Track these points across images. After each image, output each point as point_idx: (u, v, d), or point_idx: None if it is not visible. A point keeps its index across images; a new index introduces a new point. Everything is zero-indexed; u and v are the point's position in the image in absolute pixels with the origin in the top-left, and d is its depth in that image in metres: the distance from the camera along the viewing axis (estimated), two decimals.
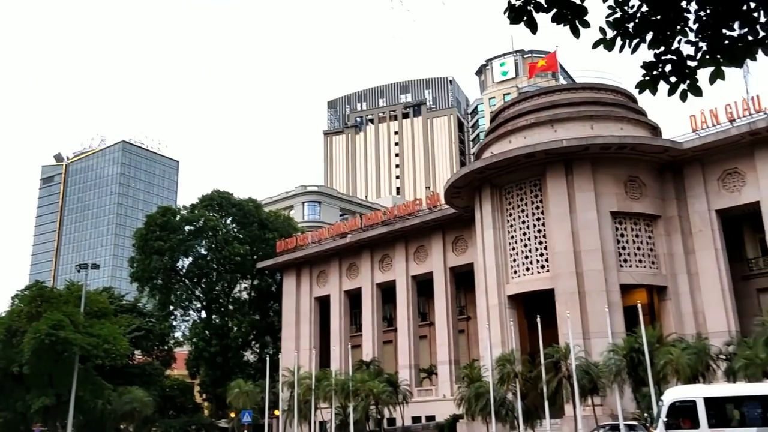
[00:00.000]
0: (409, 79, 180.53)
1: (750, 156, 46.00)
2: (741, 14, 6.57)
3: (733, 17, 6.57)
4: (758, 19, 6.59)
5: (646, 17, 6.69)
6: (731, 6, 6.49)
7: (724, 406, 22.04)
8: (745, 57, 6.70)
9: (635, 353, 35.91)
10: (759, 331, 35.86)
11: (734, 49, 6.65)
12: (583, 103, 52.03)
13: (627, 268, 46.96)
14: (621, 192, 48.05)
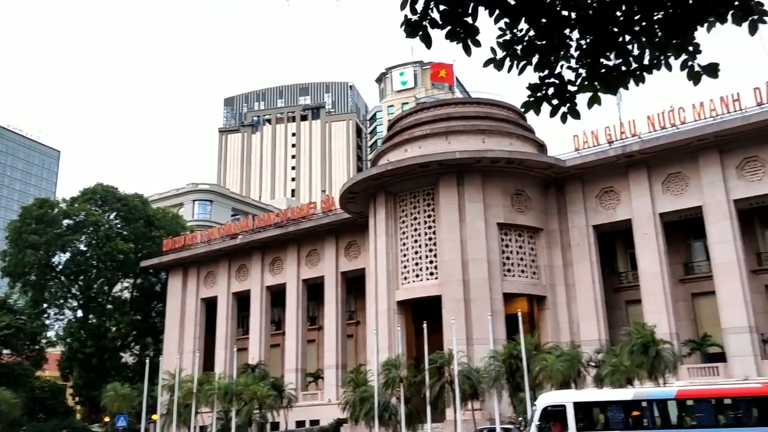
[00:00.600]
0: (309, 82, 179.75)
1: (624, 176, 49.25)
2: (617, 46, 7.04)
3: (610, 48, 7.03)
4: (632, 52, 7.09)
5: (533, 41, 7.03)
6: (609, 38, 6.95)
7: (591, 411, 23.46)
8: (619, 86, 7.19)
9: (514, 359, 37.49)
10: (625, 341, 38.45)
11: (610, 77, 7.11)
12: (476, 118, 53.85)
13: (510, 278, 48.95)
14: (508, 204, 50.08)
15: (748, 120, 43.99)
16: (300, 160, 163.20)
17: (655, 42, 6.96)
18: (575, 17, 6.88)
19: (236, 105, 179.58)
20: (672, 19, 6.74)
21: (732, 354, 42.77)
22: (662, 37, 6.90)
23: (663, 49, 7.05)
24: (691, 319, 48.49)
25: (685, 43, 6.90)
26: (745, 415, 21.90)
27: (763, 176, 44.38)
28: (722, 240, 44.59)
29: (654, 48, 7.04)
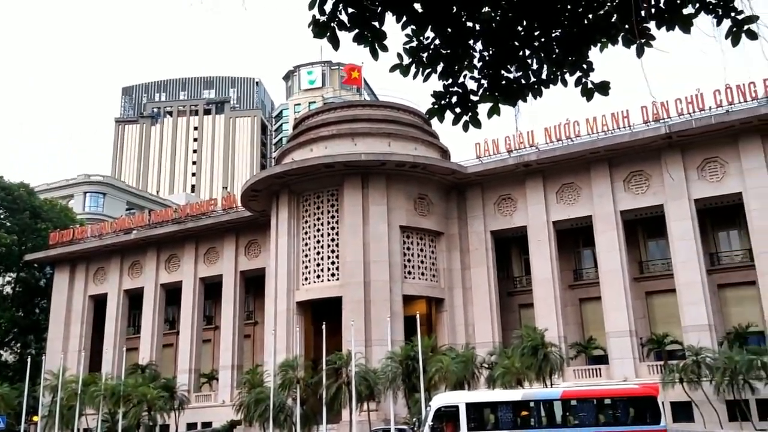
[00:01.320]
0: (213, 75, 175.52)
1: (522, 185, 51.18)
2: (517, 60, 7.29)
3: (510, 61, 7.27)
4: (531, 66, 7.35)
5: (439, 50, 7.16)
6: (510, 51, 7.19)
7: (482, 411, 24.22)
8: (518, 97, 7.45)
9: (411, 361, 38.07)
10: (516, 343, 39.94)
11: (510, 89, 7.35)
12: (383, 121, 54.35)
13: (411, 280, 49.71)
14: (411, 208, 50.84)
15: (636, 136, 46.79)
16: (201, 155, 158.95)
17: (552, 58, 7.25)
18: (479, 29, 7.06)
19: (136, 95, 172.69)
20: (568, 38, 7.04)
21: (614, 357, 45.30)
22: (559, 54, 7.21)
23: (559, 66, 7.35)
24: (578, 323, 50.99)
25: (580, 61, 7.24)
26: (622, 415, 23.30)
27: (647, 189, 47.31)
28: (609, 249, 47.17)
29: (551, 64, 7.34)
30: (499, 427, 23.37)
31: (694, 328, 42.64)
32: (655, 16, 6.87)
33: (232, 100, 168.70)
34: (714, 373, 37.67)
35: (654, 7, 6.86)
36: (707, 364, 38.35)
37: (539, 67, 7.44)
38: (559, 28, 7.20)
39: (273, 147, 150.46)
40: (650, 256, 50.86)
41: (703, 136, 45.18)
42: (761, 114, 43.36)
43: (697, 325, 42.77)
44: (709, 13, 6.75)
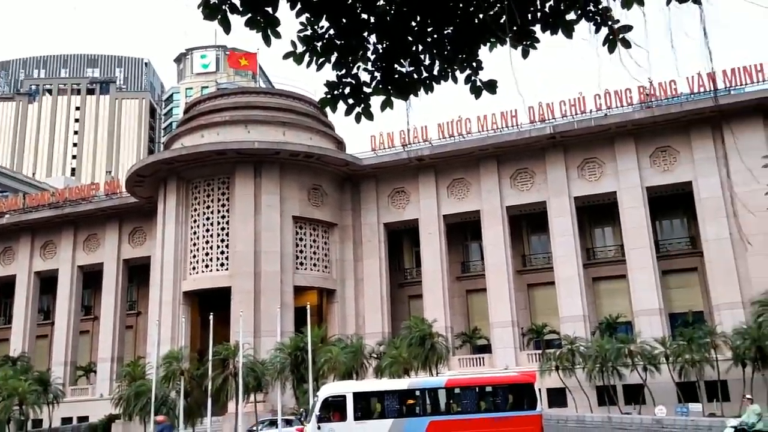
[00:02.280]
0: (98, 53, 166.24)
1: (415, 178, 52.15)
2: (410, 54, 7.39)
3: (403, 56, 7.36)
4: (423, 62, 7.48)
5: (333, 40, 7.14)
6: (403, 46, 7.28)
7: (369, 400, 24.52)
8: (410, 92, 7.56)
9: (300, 352, 37.95)
10: (405, 334, 40.76)
11: (402, 83, 7.45)
12: (278, 109, 53.64)
13: (302, 271, 49.49)
14: (304, 198, 50.56)
15: (522, 135, 48.82)
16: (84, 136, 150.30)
17: (443, 55, 7.41)
18: (374, 22, 7.10)
19: (12, 70, 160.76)
20: (459, 36, 7.22)
21: (497, 346, 47.22)
22: (450, 51, 7.38)
23: (450, 62, 7.52)
24: (465, 314, 52.70)
25: (470, 59, 7.44)
26: (502, 401, 24.33)
27: (532, 186, 49.52)
28: (495, 242, 49.02)
29: (443, 60, 7.49)
30: (386, 416, 23.76)
31: (571, 319, 45.17)
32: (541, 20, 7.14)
33: (119, 80, 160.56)
34: (586, 360, 40.07)
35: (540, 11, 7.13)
36: (581, 353, 40.73)
37: (431, 63, 7.56)
38: (451, 25, 7.36)
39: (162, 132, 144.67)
40: (533, 250, 53.32)
41: (583, 137, 47.82)
42: (635, 119, 46.44)
43: (573, 316, 45.33)
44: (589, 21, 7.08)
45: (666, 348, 39.15)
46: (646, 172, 46.70)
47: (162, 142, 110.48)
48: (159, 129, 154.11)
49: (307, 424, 24.33)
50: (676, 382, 38.81)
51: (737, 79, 45.12)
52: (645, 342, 40.17)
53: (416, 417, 23.82)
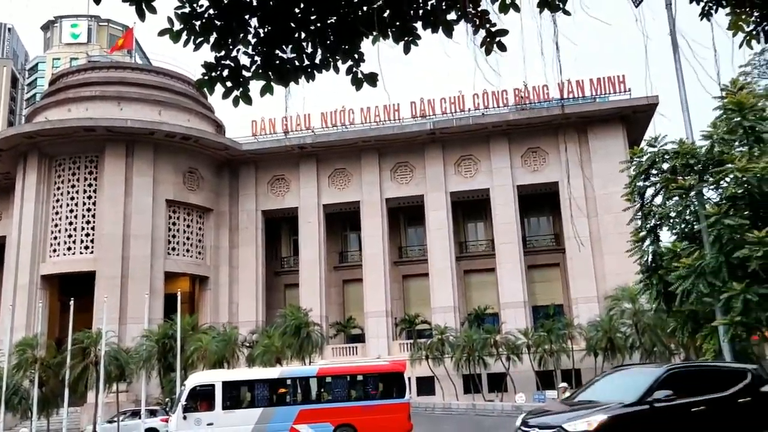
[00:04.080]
0: None
1: (296, 167, 51.72)
2: (293, 40, 7.29)
3: (286, 42, 7.24)
4: (306, 49, 7.40)
5: (212, 20, 6.91)
6: (285, 31, 7.17)
7: (239, 389, 24.16)
8: (291, 79, 7.47)
9: (168, 340, 36.68)
10: (279, 322, 40.45)
11: (283, 69, 7.34)
12: (154, 87, 51.32)
13: (175, 257, 47.79)
14: (180, 182, 48.77)
15: (404, 130, 49.70)
16: None
17: (326, 44, 7.37)
18: (256, 5, 6.95)
19: None
20: (342, 26, 7.21)
21: (370, 335, 47.94)
22: (333, 41, 7.35)
23: (333, 52, 7.49)
24: (340, 304, 53.05)
25: (352, 50, 7.45)
26: (372, 390, 24.75)
27: (410, 180, 50.57)
28: (373, 233, 49.65)
29: (325, 49, 7.45)
30: (255, 405, 23.48)
31: (442, 309, 46.67)
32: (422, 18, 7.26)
33: None
34: (455, 350, 41.59)
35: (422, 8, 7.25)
36: (450, 343, 42.20)
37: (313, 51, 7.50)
38: (335, 15, 7.32)
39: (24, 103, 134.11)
40: (409, 242, 54.51)
41: (461, 135, 49.40)
42: (510, 120, 48.56)
43: (444, 307, 46.86)
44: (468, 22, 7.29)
45: (528, 339, 41.38)
46: (518, 171, 49.01)
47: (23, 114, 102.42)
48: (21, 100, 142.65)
49: (173, 414, 23.61)
50: (535, 371, 41.14)
51: (602, 88, 48.31)
52: (509, 333, 42.26)
53: (286, 406, 23.74)
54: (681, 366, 10.86)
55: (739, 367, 11.15)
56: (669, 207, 23.10)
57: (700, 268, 20.61)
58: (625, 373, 11.36)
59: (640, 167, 23.40)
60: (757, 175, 20.17)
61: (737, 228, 20.44)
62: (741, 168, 20.37)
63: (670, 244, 23.36)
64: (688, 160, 21.86)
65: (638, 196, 23.60)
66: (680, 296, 21.30)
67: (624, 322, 38.44)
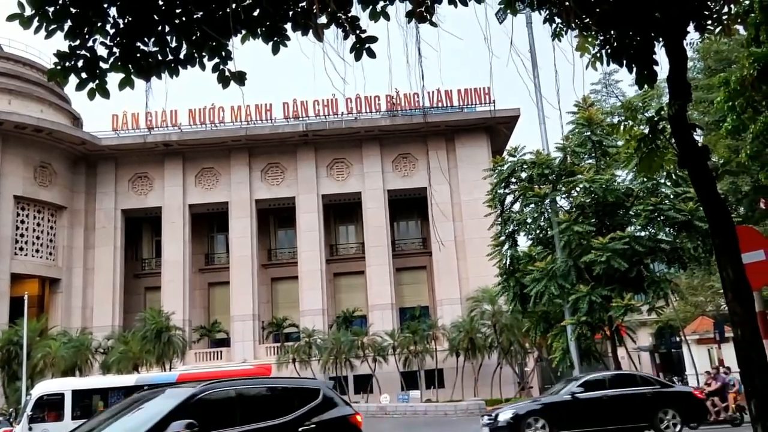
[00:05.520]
0: None
1: (161, 164, 49.66)
2: (155, 33, 7.02)
3: (147, 34, 6.96)
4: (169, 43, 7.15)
5: (67, 7, 6.53)
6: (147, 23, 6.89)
7: (91, 398, 22.80)
8: (152, 73, 7.17)
9: (13, 346, 34.00)
10: (138, 327, 38.66)
11: (144, 63, 7.04)
12: (3, 74, 47.53)
13: (22, 257, 44.40)
14: (30, 176, 45.40)
15: (276, 130, 49.18)
16: None
17: (192, 39, 7.16)
18: None
19: None
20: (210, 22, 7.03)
21: (236, 339, 46.93)
22: (199, 37, 7.16)
23: (199, 48, 7.29)
24: (205, 307, 51.51)
25: (219, 48, 7.29)
26: None
27: (282, 181, 50.12)
28: (241, 235, 48.68)
29: (190, 45, 7.23)
30: None
31: (310, 312, 46.59)
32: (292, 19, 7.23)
33: None
34: (322, 352, 41.67)
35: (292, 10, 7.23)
36: (317, 345, 42.23)
37: (178, 45, 7.27)
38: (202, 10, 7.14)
39: None
40: (279, 244, 53.97)
41: (334, 137, 49.65)
42: (381, 125, 49.45)
43: (313, 310, 46.82)
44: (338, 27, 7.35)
45: (394, 340, 42.26)
46: (389, 176, 49.98)
47: None
48: None
49: (17, 425, 21.89)
50: (400, 372, 42.09)
51: (470, 99, 50.35)
52: (376, 334, 42.96)
53: None
54: (217, 386, 8.26)
55: (309, 385, 9.35)
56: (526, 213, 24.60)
57: (551, 272, 22.10)
58: (158, 398, 8.20)
59: (501, 175, 24.74)
60: (602, 185, 21.95)
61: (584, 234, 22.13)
62: (589, 179, 22.09)
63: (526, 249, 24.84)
64: (543, 170, 23.40)
65: (499, 203, 24.94)
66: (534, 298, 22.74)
67: (484, 323, 40.26)
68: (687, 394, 17.69)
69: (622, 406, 16.58)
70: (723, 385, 20.21)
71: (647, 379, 18.39)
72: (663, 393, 16.91)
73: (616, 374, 19.15)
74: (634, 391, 16.96)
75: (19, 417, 22.40)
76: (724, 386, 20.19)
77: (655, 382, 18.17)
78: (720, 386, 20.18)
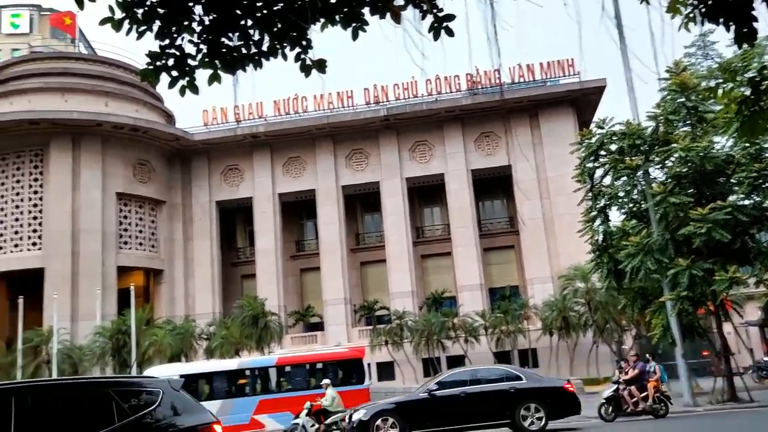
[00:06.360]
0: None
1: (249, 156, 51.13)
2: (239, 28, 7.19)
3: (232, 29, 7.14)
4: (253, 37, 7.31)
5: (155, 8, 6.77)
6: (231, 19, 7.07)
7: (197, 382, 23.94)
8: (238, 67, 7.37)
9: (122, 335, 36.04)
10: (237, 313, 40.13)
11: (229, 58, 7.23)
12: (100, 77, 50.01)
13: (127, 251, 46.86)
14: (129, 174, 47.76)
15: (358, 116, 49.57)
16: None
17: (273, 31, 7.29)
18: None
19: None
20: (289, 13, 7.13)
21: (329, 323, 47.95)
22: (280, 28, 7.27)
23: (280, 39, 7.41)
24: (298, 293, 52.85)
25: (300, 37, 7.39)
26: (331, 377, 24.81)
27: (366, 167, 50.55)
28: (330, 221, 49.53)
29: (272, 36, 7.36)
30: (214, 397, 23.32)
31: (400, 295, 46.93)
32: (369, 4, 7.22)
33: None
34: (413, 334, 41.94)
35: None
36: (409, 327, 42.52)
37: (261, 38, 7.42)
38: (282, 2, 7.24)
39: None
40: (366, 228, 54.55)
41: (415, 120, 49.54)
42: (462, 105, 48.89)
43: (402, 292, 47.14)
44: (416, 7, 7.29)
45: (485, 320, 42.00)
46: (472, 156, 49.44)
47: None
48: None
49: None
50: (493, 352, 41.81)
51: (552, 72, 48.98)
52: (467, 315, 42.80)
53: (246, 397, 23.67)
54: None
55: (143, 386, 7.06)
56: (617, 187, 23.75)
57: (647, 246, 21.27)
58: None
59: (589, 149, 23.95)
60: (699, 153, 20.87)
61: (682, 206, 21.14)
62: (684, 147, 21.05)
63: (620, 223, 24.00)
64: (634, 141, 22.49)
65: (588, 177, 24.17)
66: (629, 274, 21.98)
67: (577, 301, 39.36)
68: (553, 389, 16.84)
69: (481, 403, 16.16)
70: (640, 372, 19.08)
71: (515, 374, 17.29)
72: (527, 388, 16.26)
73: (480, 369, 18.71)
74: (493, 388, 16.49)
75: None
76: (641, 374, 19.06)
77: (523, 378, 17.03)
78: (637, 374, 19.05)
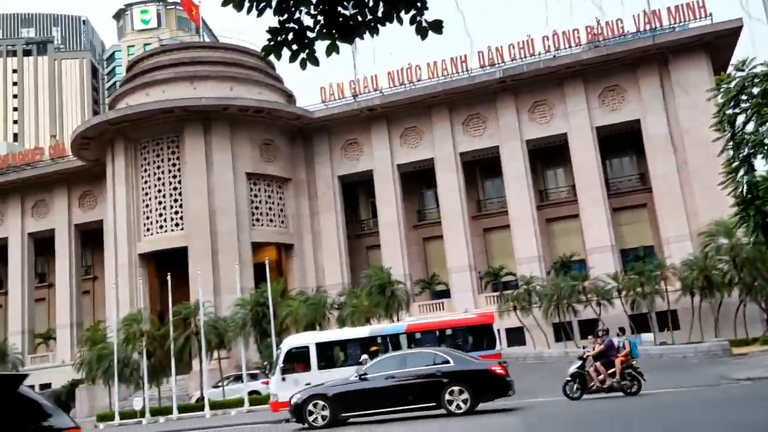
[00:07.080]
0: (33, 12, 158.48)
1: (367, 129, 51.84)
2: None
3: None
4: (368, 4, 7.33)
5: None
6: None
7: (332, 349, 24.90)
8: (355, 35, 7.43)
9: (261, 307, 37.98)
10: (365, 283, 41.15)
11: (346, 26, 7.30)
12: (224, 63, 52.33)
13: (259, 227, 49.20)
14: (256, 154, 49.88)
15: (473, 80, 48.77)
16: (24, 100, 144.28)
17: None
18: None
19: None
20: None
21: (455, 290, 48.10)
22: None
23: (395, 3, 7.38)
24: (422, 261, 53.32)
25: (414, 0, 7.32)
26: (462, 343, 24.93)
27: (484, 132, 49.78)
28: (449, 189, 49.40)
29: (386, 2, 7.35)
30: (349, 364, 24.14)
31: (526, 260, 46.17)
32: None
33: (56, 40, 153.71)
34: (542, 299, 41.20)
35: None
36: (537, 292, 41.82)
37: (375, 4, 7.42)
38: None
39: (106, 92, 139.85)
40: (487, 195, 53.92)
41: (533, 80, 48.03)
42: (583, 59, 46.78)
43: (529, 257, 46.33)
44: None
45: (618, 283, 40.46)
46: (595, 112, 47.35)
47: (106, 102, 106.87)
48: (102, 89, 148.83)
49: (272, 376, 24.56)
50: (628, 315, 40.25)
51: (681, 16, 45.69)
52: (598, 278, 41.43)
53: None
54: None
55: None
56: (762, 133, 21.86)
57: None
58: None
59: (728, 94, 22.17)
60: None
61: None
62: None
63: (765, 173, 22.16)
64: None
65: (728, 125, 22.42)
66: None
67: (721, 259, 37.05)
68: (480, 371, 16.41)
69: (409, 387, 16.16)
70: (606, 348, 17.48)
71: (443, 357, 16.51)
72: (452, 371, 15.98)
73: (410, 354, 18.34)
74: (421, 371, 16.24)
75: (273, 369, 25.02)
76: (607, 349, 17.44)
77: (451, 361, 16.25)
78: (602, 349, 17.47)
